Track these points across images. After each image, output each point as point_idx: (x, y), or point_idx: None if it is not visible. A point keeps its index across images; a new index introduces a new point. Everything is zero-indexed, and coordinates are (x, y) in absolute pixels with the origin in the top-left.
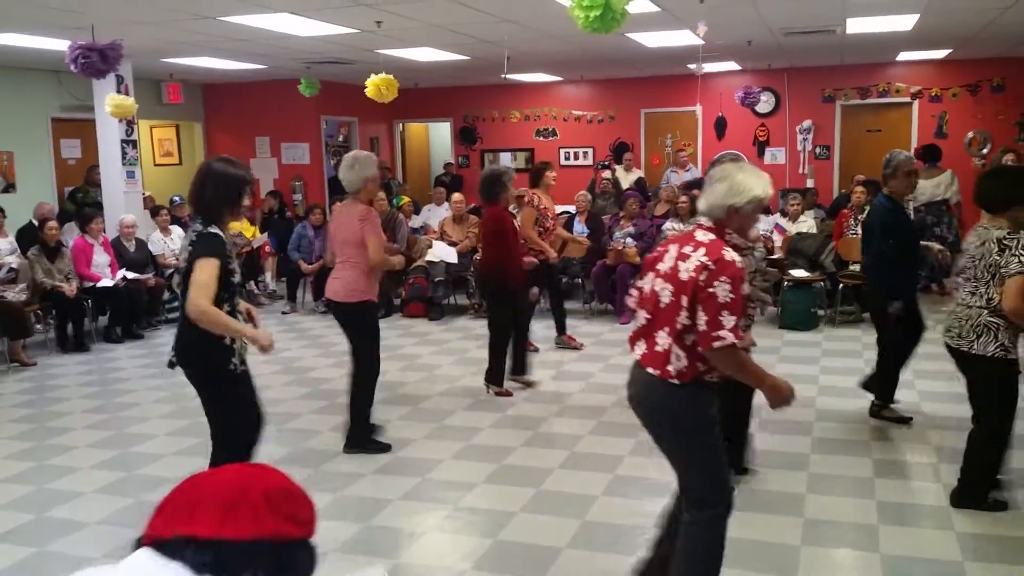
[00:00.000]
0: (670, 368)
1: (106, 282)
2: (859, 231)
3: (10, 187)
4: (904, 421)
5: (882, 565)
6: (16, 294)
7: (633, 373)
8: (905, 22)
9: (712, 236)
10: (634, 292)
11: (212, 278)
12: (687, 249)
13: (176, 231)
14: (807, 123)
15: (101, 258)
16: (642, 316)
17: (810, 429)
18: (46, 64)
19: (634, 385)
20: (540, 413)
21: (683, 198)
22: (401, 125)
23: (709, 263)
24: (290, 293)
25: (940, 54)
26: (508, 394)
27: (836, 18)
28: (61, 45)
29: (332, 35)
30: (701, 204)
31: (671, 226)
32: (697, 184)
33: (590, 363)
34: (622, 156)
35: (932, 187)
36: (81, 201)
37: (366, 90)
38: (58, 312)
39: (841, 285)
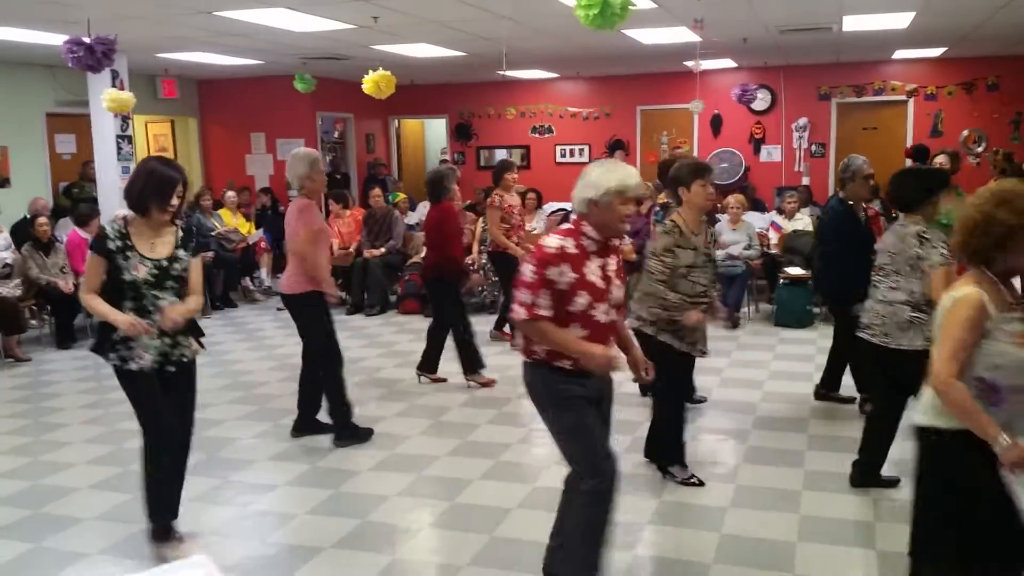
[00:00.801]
0: (521, 347)
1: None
2: None
3: (4, 182)
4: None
5: (879, 561)
6: (10, 290)
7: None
8: (901, 20)
9: (568, 227)
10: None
11: (91, 270)
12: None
13: None
14: (803, 121)
15: None
16: None
17: (805, 426)
18: (41, 59)
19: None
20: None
21: None
22: (397, 121)
23: (533, 248)
24: None
25: (935, 52)
26: (442, 380)
27: (832, 16)
28: (56, 40)
29: (328, 31)
30: (572, 200)
31: None
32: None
33: None
34: (615, 153)
35: None
36: (76, 196)
37: (364, 87)
38: (53, 308)
39: None
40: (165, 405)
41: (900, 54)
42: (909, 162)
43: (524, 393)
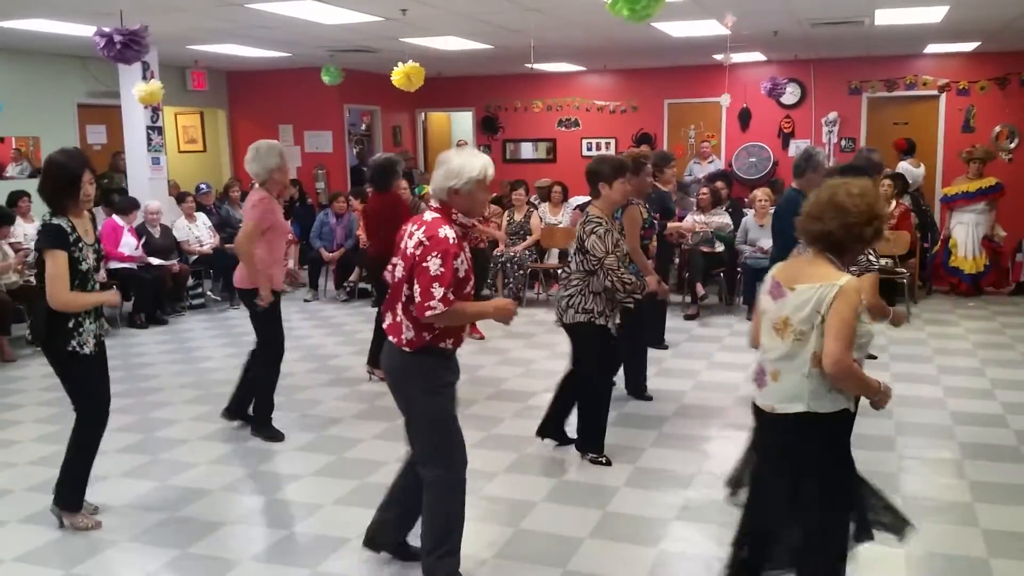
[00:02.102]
0: (403, 337)
1: (132, 254)
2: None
3: (37, 172)
4: None
5: (905, 561)
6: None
7: (385, 342)
8: (934, 14)
9: (436, 216)
10: (389, 268)
11: (64, 268)
12: (413, 228)
13: (201, 218)
14: (833, 115)
15: (129, 240)
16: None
17: None
18: (72, 50)
19: (384, 353)
20: None
21: (704, 190)
22: (423, 114)
23: (424, 239)
24: (312, 281)
25: (969, 47)
26: None
27: (865, 9)
28: (88, 31)
29: (357, 23)
30: (431, 187)
31: (692, 218)
32: (721, 176)
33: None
34: (640, 147)
35: (918, 175)
36: (106, 187)
37: (393, 79)
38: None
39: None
40: (105, 386)
41: (932, 48)
42: (901, 157)
43: (546, 388)
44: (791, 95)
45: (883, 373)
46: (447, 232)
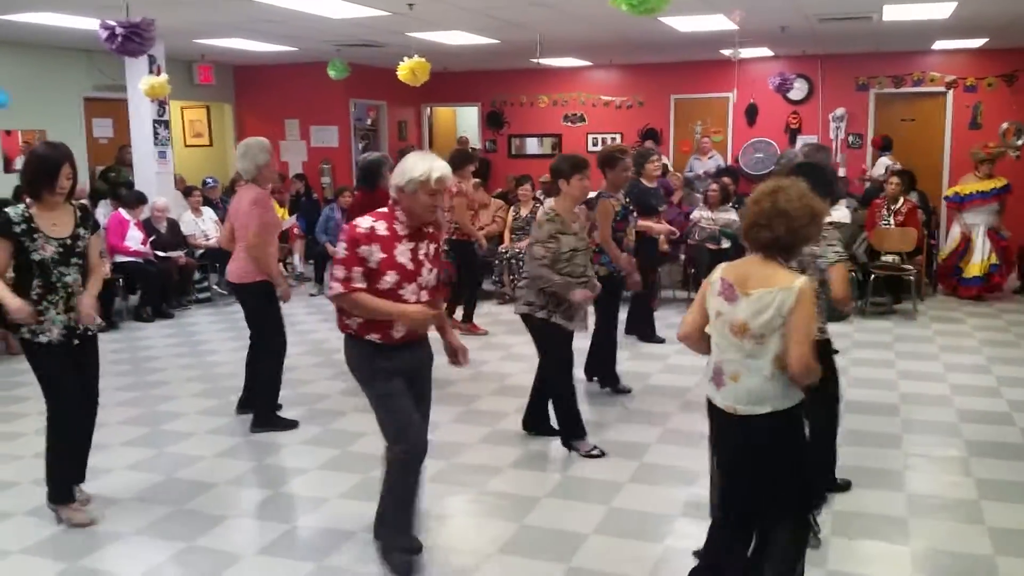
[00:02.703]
0: (345, 322)
1: (138, 248)
2: (891, 221)
3: None
4: None
5: (911, 558)
6: None
7: None
8: (943, 10)
9: (383, 210)
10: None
11: None
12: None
13: (207, 212)
14: (840, 111)
15: (135, 234)
16: None
17: (839, 420)
18: (78, 43)
19: None
20: None
21: (714, 186)
22: (429, 109)
23: (346, 227)
24: (317, 275)
25: (977, 43)
26: None
27: (873, 4)
28: (93, 24)
29: (364, 17)
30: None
31: (699, 214)
32: (727, 172)
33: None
34: (645, 143)
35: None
36: (113, 180)
37: (399, 74)
38: None
39: (873, 276)
40: (71, 378)
41: (940, 44)
42: (880, 153)
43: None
44: (798, 91)
45: (889, 370)
46: (366, 221)
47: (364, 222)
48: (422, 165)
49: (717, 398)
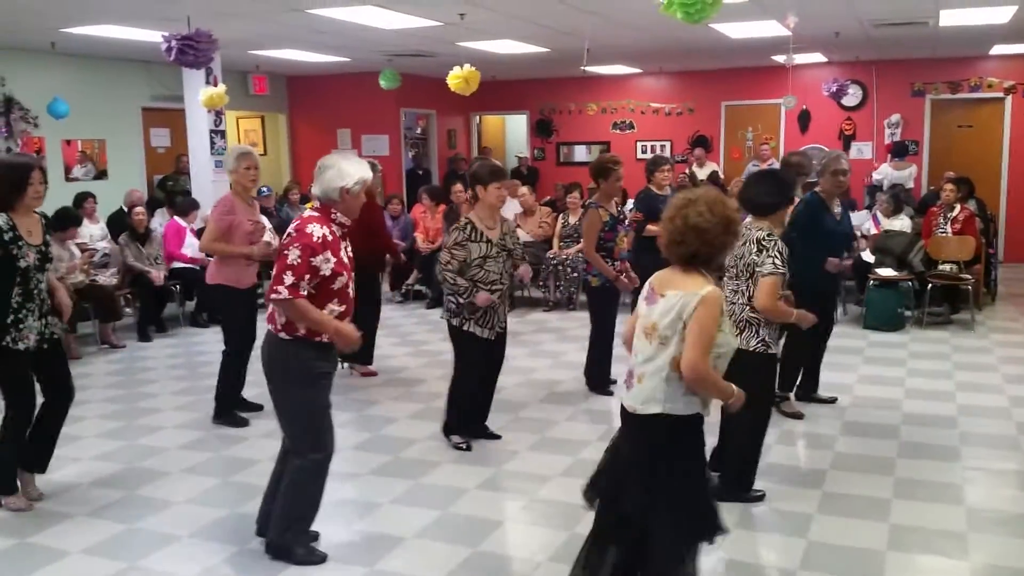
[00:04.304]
0: (279, 323)
1: (195, 255)
2: (948, 230)
3: (102, 174)
4: (799, 417)
5: (970, 573)
6: (107, 278)
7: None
8: (1002, 14)
9: (314, 214)
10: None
11: None
12: (293, 223)
13: (263, 220)
14: (895, 117)
15: (192, 241)
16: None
17: (896, 433)
18: (138, 55)
19: (263, 342)
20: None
21: None
22: (478, 117)
23: (292, 231)
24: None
25: None
26: (373, 373)
27: (929, 10)
28: (154, 36)
29: (415, 28)
30: (315, 190)
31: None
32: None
33: None
34: (695, 151)
35: (900, 176)
36: (170, 189)
37: (450, 82)
38: (144, 296)
39: (930, 285)
40: (32, 381)
41: (998, 49)
42: (889, 157)
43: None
44: (853, 97)
45: (947, 382)
46: (315, 229)
47: (316, 230)
48: (360, 167)
49: (625, 399)
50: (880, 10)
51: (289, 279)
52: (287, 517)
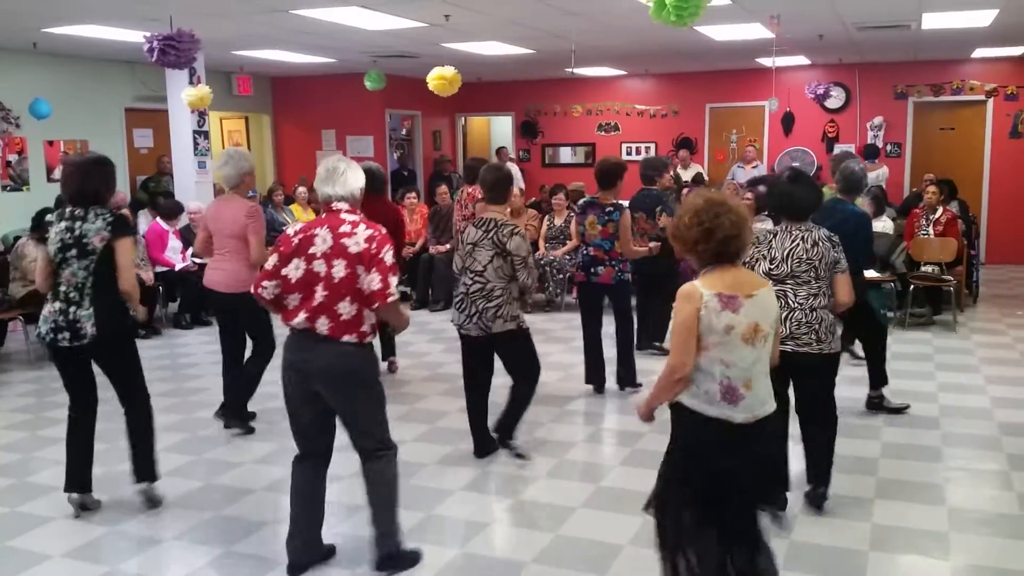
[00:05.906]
0: (364, 330)
1: (180, 265)
2: (930, 231)
3: None
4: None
5: (951, 573)
6: None
7: (314, 347)
8: (983, 18)
9: (353, 216)
10: (271, 281)
11: None
12: (345, 228)
13: None
14: (878, 120)
15: (174, 244)
16: (319, 295)
17: (879, 433)
18: (121, 55)
19: (322, 356)
20: (601, 409)
21: (748, 194)
22: (463, 119)
23: (372, 233)
24: None
25: (1017, 51)
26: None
27: (912, 13)
28: (136, 36)
29: (400, 29)
30: (336, 190)
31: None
32: (763, 180)
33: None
34: (680, 152)
35: (871, 178)
36: (153, 190)
37: (430, 83)
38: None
39: (912, 286)
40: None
41: (980, 53)
42: (859, 158)
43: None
44: (836, 99)
45: (929, 382)
46: (382, 228)
47: (383, 228)
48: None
49: (736, 415)
50: (863, 13)
51: (394, 280)
52: (395, 519)
